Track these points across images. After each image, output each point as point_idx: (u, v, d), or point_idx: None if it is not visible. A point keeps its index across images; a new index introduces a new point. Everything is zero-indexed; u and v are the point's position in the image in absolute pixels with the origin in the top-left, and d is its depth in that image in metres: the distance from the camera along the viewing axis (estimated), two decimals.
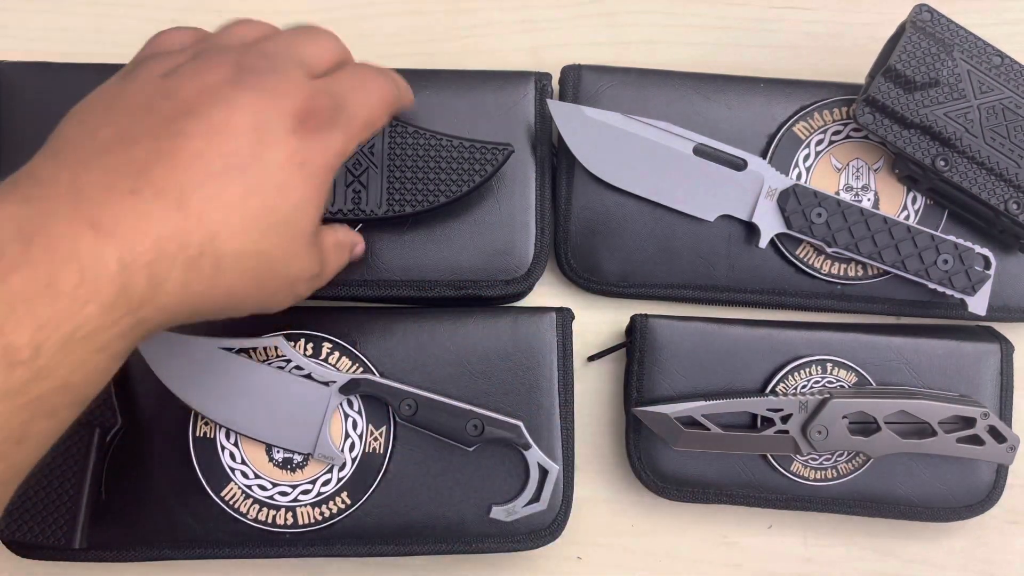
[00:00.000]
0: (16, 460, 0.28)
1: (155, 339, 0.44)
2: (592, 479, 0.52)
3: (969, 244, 0.49)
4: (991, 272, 0.49)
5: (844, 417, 0.47)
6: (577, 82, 0.52)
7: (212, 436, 0.47)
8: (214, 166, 0.31)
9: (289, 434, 0.47)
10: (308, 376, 0.47)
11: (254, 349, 0.47)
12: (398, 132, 0.47)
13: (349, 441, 0.48)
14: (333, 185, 0.44)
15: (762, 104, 0.52)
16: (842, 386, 0.50)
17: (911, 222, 0.50)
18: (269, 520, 0.47)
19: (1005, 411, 0.51)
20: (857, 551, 0.53)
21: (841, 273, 0.51)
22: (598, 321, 0.53)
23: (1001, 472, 0.50)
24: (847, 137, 0.52)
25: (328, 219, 0.46)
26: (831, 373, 0.50)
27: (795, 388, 0.49)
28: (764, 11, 0.56)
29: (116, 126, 0.32)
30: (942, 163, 0.49)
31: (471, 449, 0.47)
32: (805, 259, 0.51)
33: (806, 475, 0.50)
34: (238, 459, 0.47)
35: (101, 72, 0.49)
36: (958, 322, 0.53)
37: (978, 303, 0.50)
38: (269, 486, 0.47)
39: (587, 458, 0.52)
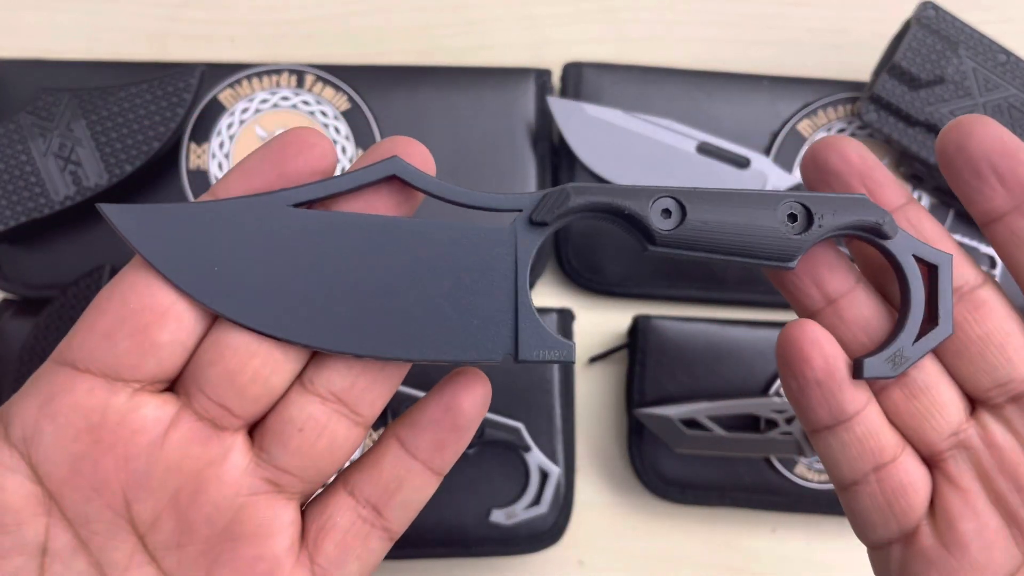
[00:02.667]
0: None
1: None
2: (593, 482, 0.52)
3: (975, 243, 0.49)
4: (996, 272, 0.49)
5: None
6: (578, 80, 0.51)
7: None
8: None
9: None
10: None
11: None
12: (86, 101, 0.45)
13: None
14: (49, 175, 0.44)
15: (765, 101, 0.51)
16: None
17: None
18: None
19: None
20: (862, 554, 0.52)
21: None
22: (599, 322, 0.52)
23: None
24: (852, 135, 0.51)
25: (59, 210, 0.45)
26: None
27: None
28: (767, 7, 0.56)
29: None
30: None
31: (471, 451, 0.47)
32: None
33: (810, 478, 0.49)
34: None
35: (99, 70, 0.49)
36: None
37: None
38: None
39: (588, 460, 0.52)
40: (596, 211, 0.24)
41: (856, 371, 0.25)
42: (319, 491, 0.27)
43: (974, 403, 0.26)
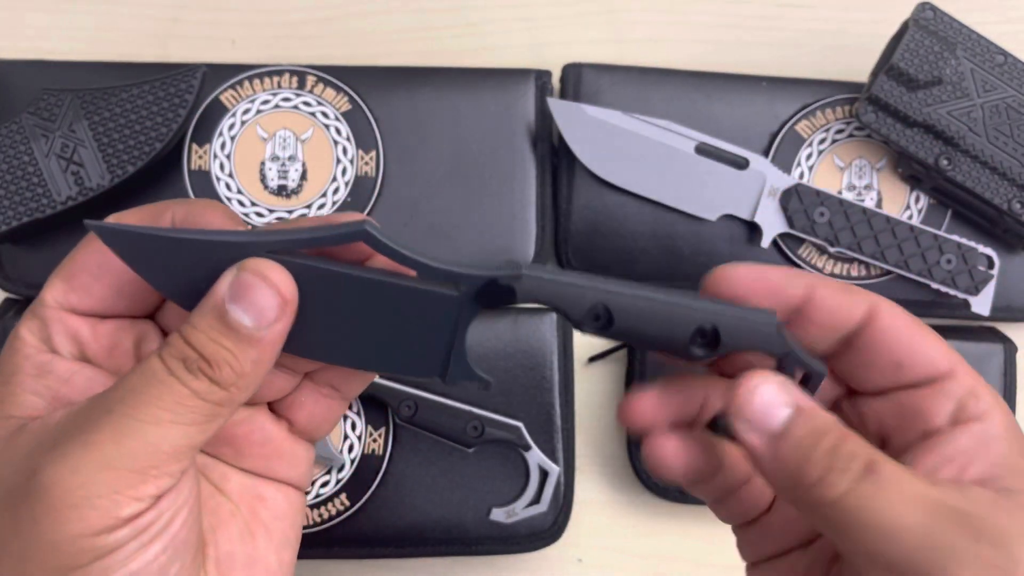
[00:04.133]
0: None
1: None
2: (593, 481, 0.52)
3: (972, 244, 0.49)
4: (994, 272, 0.49)
5: None
6: (578, 80, 0.51)
7: None
8: None
9: None
10: None
11: None
12: (88, 102, 0.46)
13: (348, 442, 0.47)
14: (52, 176, 0.45)
15: (764, 102, 0.51)
16: None
17: (914, 222, 0.50)
18: None
19: None
20: None
21: (844, 273, 0.51)
22: None
23: None
24: (850, 136, 0.51)
25: (61, 210, 0.45)
26: None
27: None
28: (766, 9, 0.56)
29: None
30: (945, 162, 0.48)
31: (471, 450, 0.47)
32: (807, 259, 0.51)
33: None
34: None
35: (101, 71, 0.49)
36: (961, 322, 0.53)
37: (981, 303, 0.49)
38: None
39: (588, 459, 0.52)
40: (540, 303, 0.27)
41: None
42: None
43: None
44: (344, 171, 0.49)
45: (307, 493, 0.33)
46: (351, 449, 0.47)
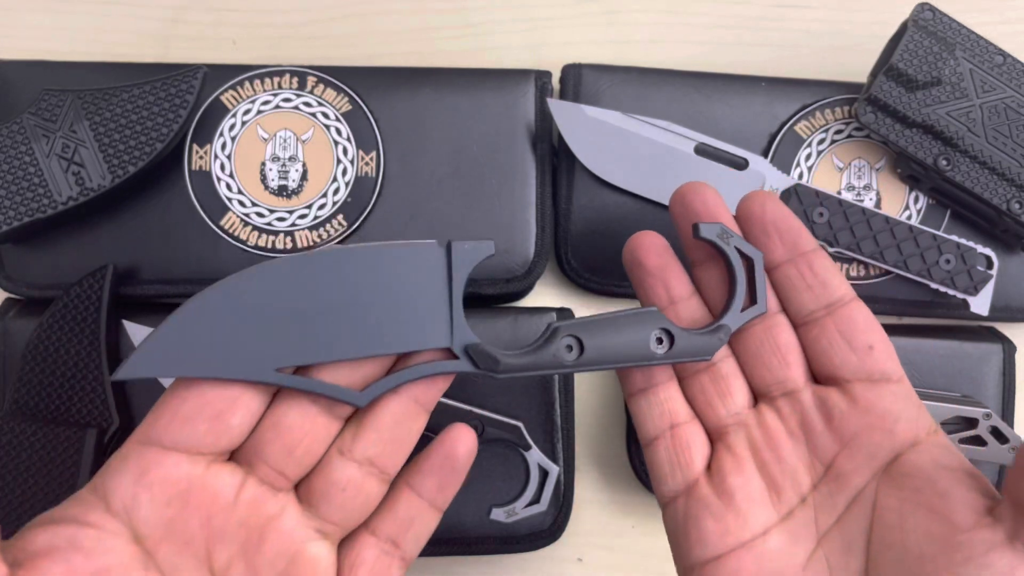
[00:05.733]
0: None
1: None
2: (592, 480, 0.52)
3: (971, 244, 0.49)
4: (993, 272, 0.49)
5: None
6: (578, 81, 0.51)
7: None
8: None
9: None
10: None
11: None
12: (89, 102, 0.46)
13: None
14: (52, 176, 0.45)
15: (763, 103, 0.51)
16: None
17: (913, 222, 0.50)
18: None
19: (1007, 411, 0.50)
20: None
21: (843, 273, 0.51)
22: None
23: (1003, 473, 0.50)
24: (849, 136, 0.51)
25: (62, 210, 0.45)
26: None
27: None
28: (766, 10, 0.56)
29: None
30: (944, 162, 0.49)
31: None
32: None
33: None
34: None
35: (102, 71, 0.49)
36: (960, 322, 0.53)
37: (980, 303, 0.49)
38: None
39: (587, 459, 0.52)
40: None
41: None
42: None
43: (758, 399, 0.33)
44: (344, 171, 0.49)
45: None
46: None
